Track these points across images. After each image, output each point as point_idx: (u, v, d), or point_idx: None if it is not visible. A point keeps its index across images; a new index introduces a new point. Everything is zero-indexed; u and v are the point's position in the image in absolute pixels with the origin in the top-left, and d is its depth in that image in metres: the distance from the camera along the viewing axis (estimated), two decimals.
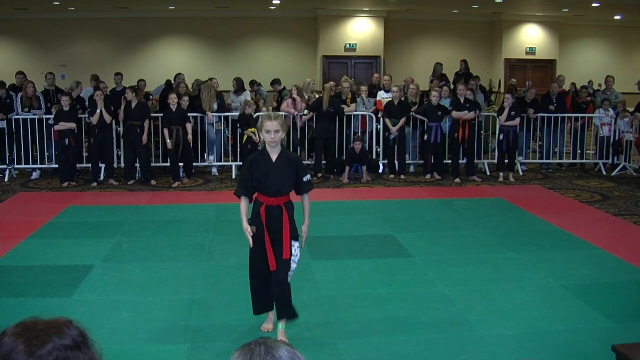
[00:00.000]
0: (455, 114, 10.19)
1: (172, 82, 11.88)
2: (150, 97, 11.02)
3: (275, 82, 12.08)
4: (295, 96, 10.46)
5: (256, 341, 1.39)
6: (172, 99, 9.65)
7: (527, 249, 6.37)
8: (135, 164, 9.96)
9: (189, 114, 9.91)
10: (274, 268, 4.14)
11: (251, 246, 4.21)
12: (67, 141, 9.60)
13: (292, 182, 4.23)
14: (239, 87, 11.46)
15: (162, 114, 9.99)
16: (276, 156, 4.22)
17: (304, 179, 4.27)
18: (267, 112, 4.13)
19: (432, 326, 4.52)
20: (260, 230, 4.16)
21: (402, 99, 10.39)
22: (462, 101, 10.21)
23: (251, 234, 4.15)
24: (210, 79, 11.24)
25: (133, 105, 9.68)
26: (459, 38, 18.59)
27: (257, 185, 4.20)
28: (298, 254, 4.26)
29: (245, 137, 9.97)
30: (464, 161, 10.44)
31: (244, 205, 4.24)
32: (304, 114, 10.47)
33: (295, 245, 4.23)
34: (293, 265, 4.23)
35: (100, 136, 9.65)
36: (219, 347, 4.18)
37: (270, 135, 4.16)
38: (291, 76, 14.79)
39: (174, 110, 9.62)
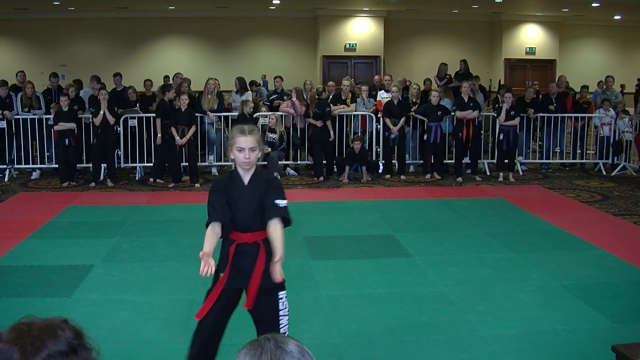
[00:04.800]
0: (459, 113, 10.20)
1: (171, 80, 11.87)
2: (156, 100, 10.97)
3: (277, 77, 12.00)
4: (294, 99, 10.45)
5: (265, 337, 1.38)
6: (183, 100, 9.66)
7: (527, 249, 6.36)
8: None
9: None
10: (250, 307, 3.30)
11: (203, 273, 3.17)
12: (67, 141, 9.60)
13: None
14: (241, 86, 11.44)
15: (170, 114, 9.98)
16: (249, 178, 3.32)
17: (275, 202, 3.26)
18: (240, 126, 3.37)
19: (432, 326, 4.52)
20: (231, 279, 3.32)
21: (400, 98, 10.37)
22: (465, 100, 10.23)
23: (210, 269, 3.15)
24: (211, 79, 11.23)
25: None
26: (459, 38, 18.60)
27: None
28: (287, 306, 3.36)
29: None
30: (467, 161, 10.45)
31: (210, 232, 3.24)
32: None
33: (283, 296, 3.34)
34: (284, 320, 3.34)
35: (102, 136, 9.64)
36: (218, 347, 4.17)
37: (244, 154, 3.23)
38: (291, 76, 14.79)
39: (182, 110, 9.63)
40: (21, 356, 1.28)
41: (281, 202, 3.29)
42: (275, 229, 3.23)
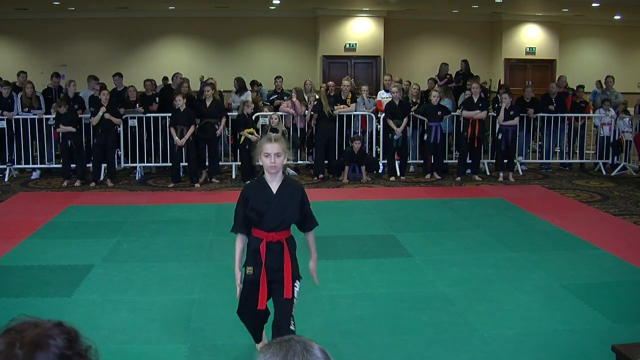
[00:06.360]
0: (466, 113, 10.19)
1: (170, 81, 11.86)
2: (156, 100, 10.92)
3: (278, 78, 11.99)
4: (294, 100, 10.46)
5: (291, 338, 1.40)
6: (178, 100, 9.63)
7: (527, 249, 6.36)
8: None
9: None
10: (263, 307, 3.70)
11: (238, 297, 3.75)
12: (69, 143, 9.60)
13: (296, 214, 3.70)
14: (240, 87, 11.44)
15: (169, 114, 9.95)
16: (277, 186, 3.65)
17: (311, 213, 3.78)
18: (268, 134, 3.77)
19: (432, 326, 4.52)
20: (258, 272, 3.66)
21: (401, 98, 10.36)
22: (475, 100, 10.22)
23: (240, 285, 3.71)
24: (210, 78, 11.23)
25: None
26: (459, 38, 18.58)
27: (254, 219, 3.67)
28: (297, 296, 3.80)
29: (242, 138, 9.94)
30: (469, 161, 10.44)
31: (239, 245, 3.74)
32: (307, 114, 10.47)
33: (297, 285, 3.78)
34: (294, 302, 3.78)
35: (102, 136, 9.63)
36: (219, 347, 4.18)
37: (270, 159, 3.56)
38: (291, 76, 14.78)
39: (181, 110, 9.61)
40: None
41: (311, 212, 3.78)
42: (311, 237, 3.87)
